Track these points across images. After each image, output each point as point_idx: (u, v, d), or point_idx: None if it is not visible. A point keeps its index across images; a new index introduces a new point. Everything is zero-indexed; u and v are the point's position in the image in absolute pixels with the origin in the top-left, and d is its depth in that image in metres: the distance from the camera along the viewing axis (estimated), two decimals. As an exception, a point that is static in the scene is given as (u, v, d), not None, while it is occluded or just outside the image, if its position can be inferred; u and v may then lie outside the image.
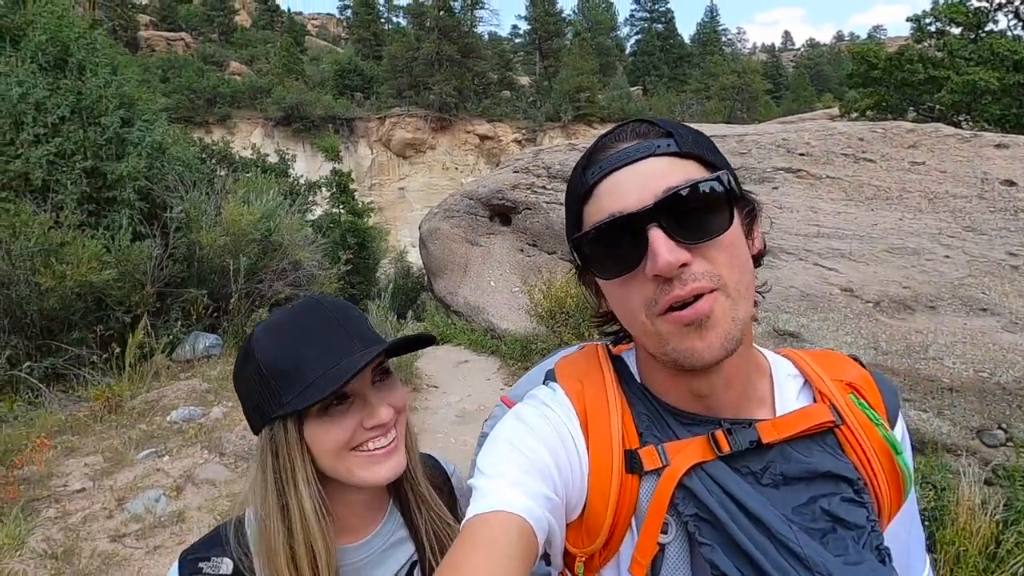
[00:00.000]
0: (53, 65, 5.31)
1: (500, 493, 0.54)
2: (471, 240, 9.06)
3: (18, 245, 4.23)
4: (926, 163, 6.11)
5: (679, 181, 0.54)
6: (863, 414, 0.63)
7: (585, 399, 0.63)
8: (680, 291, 0.53)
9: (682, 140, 0.57)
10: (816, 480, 0.57)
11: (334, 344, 0.70)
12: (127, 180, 5.11)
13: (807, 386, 0.66)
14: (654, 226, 0.53)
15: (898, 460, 0.62)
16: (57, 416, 3.88)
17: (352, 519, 0.78)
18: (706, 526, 0.55)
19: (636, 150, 0.56)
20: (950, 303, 4.93)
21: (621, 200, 0.55)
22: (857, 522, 0.56)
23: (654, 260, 0.52)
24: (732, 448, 0.57)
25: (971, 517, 3.43)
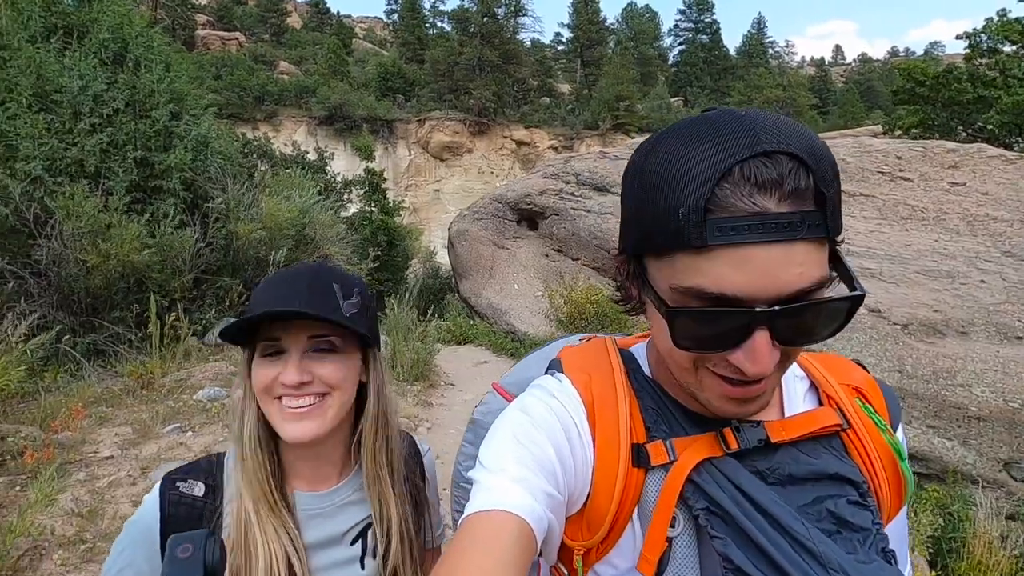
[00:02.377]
0: (112, 60, 5.66)
1: (501, 490, 0.53)
2: (498, 243, 9.17)
3: (70, 225, 4.53)
4: (967, 184, 5.92)
5: (814, 280, 0.47)
6: (868, 419, 0.63)
7: (593, 391, 0.62)
8: (751, 389, 0.51)
9: (831, 215, 0.47)
10: (822, 481, 0.57)
11: (281, 295, 0.78)
12: (173, 171, 5.40)
13: (813, 388, 0.66)
14: (764, 328, 0.47)
15: (901, 465, 0.62)
16: (94, 388, 4.12)
17: (305, 469, 0.86)
18: (717, 520, 0.54)
19: (786, 225, 0.45)
20: (983, 329, 4.77)
21: (743, 282, 0.46)
22: (863, 525, 0.55)
23: (750, 362, 0.48)
24: (741, 445, 0.56)
25: (988, 551, 3.33)
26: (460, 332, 8.25)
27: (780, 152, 0.45)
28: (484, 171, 38.54)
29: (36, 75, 5.08)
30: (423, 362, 5.67)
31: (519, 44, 43.42)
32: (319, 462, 0.87)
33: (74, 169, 5.02)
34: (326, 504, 0.87)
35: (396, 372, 5.46)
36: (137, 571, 0.78)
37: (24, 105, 4.95)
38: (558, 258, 8.34)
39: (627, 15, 59.61)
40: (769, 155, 0.45)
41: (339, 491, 0.88)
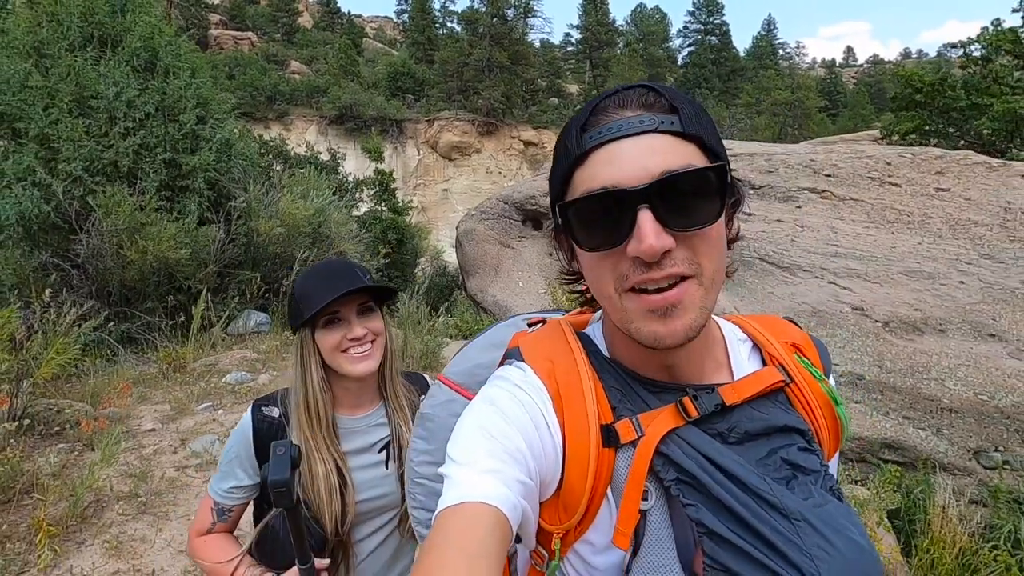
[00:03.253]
0: (143, 67, 6.05)
1: (473, 482, 0.54)
2: (503, 242, 9.50)
3: (109, 223, 4.92)
4: (951, 190, 6.19)
5: (678, 165, 0.54)
6: (807, 371, 0.68)
7: (557, 378, 0.64)
8: (655, 274, 0.54)
9: (687, 120, 0.56)
10: (774, 434, 0.61)
11: (331, 284, 1.11)
12: (199, 171, 5.78)
13: (756, 349, 0.70)
14: (645, 207, 0.53)
15: (837, 410, 0.68)
16: (131, 371, 4.50)
17: (350, 399, 1.23)
18: (688, 488, 0.56)
19: (640, 122, 0.55)
20: (959, 327, 5.05)
21: (617, 173, 0.54)
22: (812, 467, 0.59)
23: (639, 241, 0.53)
24: (700, 413, 0.59)
25: (946, 528, 3.63)
26: (467, 327, 8.60)
27: (636, 86, 0.58)
28: (492, 171, 38.85)
29: (75, 82, 5.47)
30: (432, 353, 6.01)
31: (528, 45, 43.68)
32: (361, 395, 1.23)
33: (110, 170, 5.42)
34: (362, 424, 1.23)
35: (406, 362, 5.81)
36: (239, 458, 1.17)
37: (64, 110, 5.34)
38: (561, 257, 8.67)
39: (636, 16, 59.70)
40: (629, 88, 0.58)
41: (371, 416, 1.24)
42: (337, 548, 1.15)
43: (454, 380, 0.80)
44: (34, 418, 3.17)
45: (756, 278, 6.27)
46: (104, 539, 2.47)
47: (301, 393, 1.14)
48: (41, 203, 5.04)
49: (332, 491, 1.11)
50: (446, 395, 0.79)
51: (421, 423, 0.81)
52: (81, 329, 3.80)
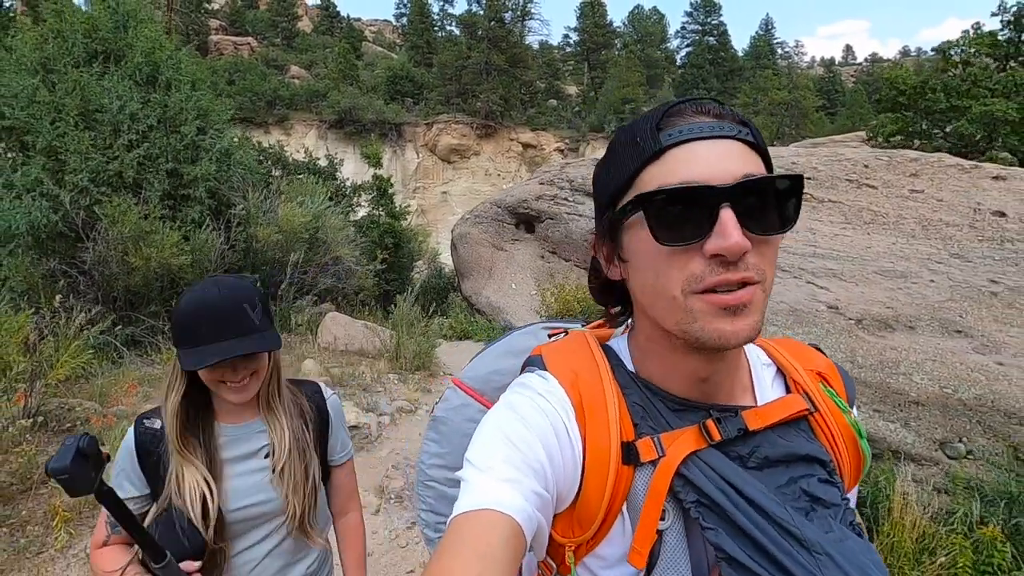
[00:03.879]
0: (145, 81, 6.30)
1: (491, 490, 0.54)
2: (497, 245, 9.74)
3: (115, 231, 5.16)
4: (924, 191, 6.41)
5: (757, 171, 0.55)
6: (831, 401, 0.67)
7: (581, 390, 0.63)
8: (732, 275, 0.54)
9: (756, 134, 0.58)
10: (794, 462, 0.60)
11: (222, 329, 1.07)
12: (200, 181, 6.02)
13: (780, 374, 0.70)
14: (727, 206, 0.53)
15: (861, 443, 0.67)
16: (136, 372, 4.74)
17: (231, 412, 1.23)
18: (707, 511, 0.56)
19: (720, 127, 0.56)
20: (928, 324, 5.27)
21: (699, 171, 0.54)
22: (832, 501, 0.58)
23: (724, 238, 0.52)
24: (723, 436, 0.59)
25: (906, 513, 3.84)
26: (461, 328, 8.83)
27: (705, 99, 0.60)
28: (491, 173, 39.08)
29: (81, 96, 5.72)
30: (424, 354, 6.24)
31: (526, 48, 43.91)
32: (242, 409, 1.24)
33: (115, 180, 5.66)
34: (245, 432, 1.23)
35: (399, 362, 6.05)
36: (125, 471, 1.17)
37: (71, 124, 5.59)
38: (552, 259, 8.90)
39: (634, 18, 59.93)
40: (700, 99, 0.59)
41: (254, 424, 1.24)
42: (215, 552, 1.18)
43: (469, 385, 0.80)
44: (47, 415, 3.41)
45: (738, 278, 6.50)
46: (114, 523, 2.70)
47: (166, 410, 1.16)
48: (49, 213, 5.29)
49: (195, 501, 1.13)
50: (460, 399, 0.79)
51: (434, 426, 0.81)
52: (90, 332, 4.03)
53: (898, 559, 3.76)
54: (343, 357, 5.92)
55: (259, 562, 1.22)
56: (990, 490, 4.14)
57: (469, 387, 0.81)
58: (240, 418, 1.24)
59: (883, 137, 11.77)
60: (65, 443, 0.93)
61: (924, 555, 3.77)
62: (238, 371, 1.13)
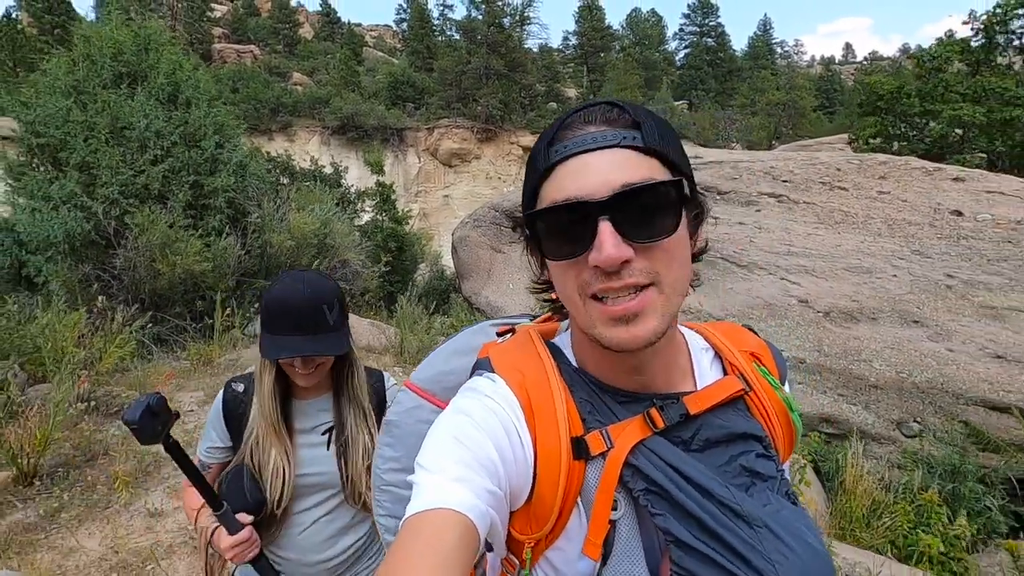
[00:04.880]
0: (167, 100, 6.82)
1: (441, 490, 0.54)
2: (495, 247, 10.20)
3: (144, 239, 5.67)
4: (891, 192, 6.87)
5: (638, 178, 0.56)
6: (764, 379, 0.70)
7: (528, 390, 0.64)
8: (614, 283, 0.56)
9: (648, 135, 0.58)
10: (734, 441, 0.63)
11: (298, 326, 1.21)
12: (219, 191, 6.54)
13: (717, 357, 0.72)
14: (605, 219, 0.55)
15: (792, 416, 0.70)
16: (166, 366, 5.24)
17: (302, 391, 1.38)
18: (655, 498, 0.58)
19: (603, 137, 0.57)
20: (889, 315, 5.74)
21: (579, 186, 0.56)
22: (769, 473, 0.62)
23: (599, 251, 0.55)
24: (666, 423, 0.61)
25: (859, 483, 4.32)
26: (461, 326, 9.32)
27: (601, 102, 0.61)
28: (492, 177, 39.52)
29: (110, 116, 6.24)
30: (427, 349, 6.73)
31: (525, 52, 44.38)
32: (312, 389, 1.38)
33: (142, 192, 6.18)
34: (310, 408, 1.39)
35: (403, 357, 6.54)
36: (213, 424, 1.38)
37: (102, 141, 6.11)
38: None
39: (632, 21, 60.41)
40: (594, 105, 0.61)
41: (318, 402, 1.40)
42: (272, 515, 1.30)
43: (420, 386, 0.81)
44: (97, 401, 3.91)
45: (718, 276, 6.96)
46: (164, 486, 3.20)
47: (257, 392, 1.31)
48: (83, 222, 5.81)
49: (278, 470, 1.28)
50: (412, 401, 0.80)
51: (387, 430, 0.82)
52: (132, 328, 4.54)
53: (851, 523, 4.25)
54: (352, 352, 6.42)
55: (308, 526, 1.35)
56: (937, 463, 4.60)
57: (420, 388, 0.81)
58: (308, 394, 1.38)
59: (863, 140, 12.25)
60: (138, 399, 1.06)
61: (873, 519, 4.24)
62: (306, 364, 1.27)
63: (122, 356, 4.18)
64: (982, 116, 10.08)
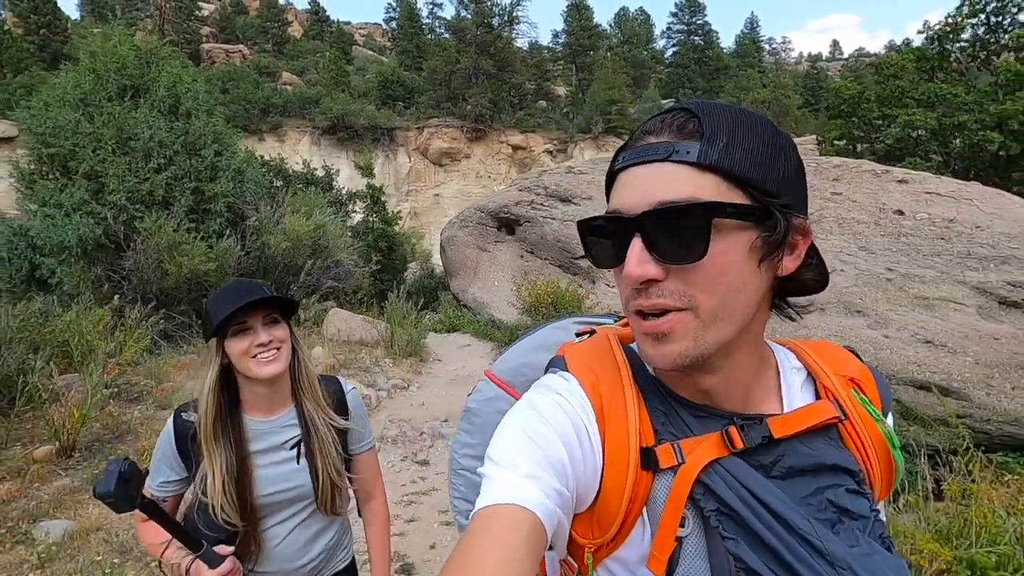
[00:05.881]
0: (168, 111, 7.26)
1: (513, 485, 0.54)
2: (481, 247, 10.73)
3: (152, 242, 6.13)
4: (843, 193, 7.45)
5: (678, 196, 0.53)
6: (864, 409, 0.64)
7: (601, 393, 0.63)
8: (643, 301, 0.55)
9: (707, 150, 0.54)
10: (821, 472, 0.58)
11: (239, 298, 1.22)
12: (219, 197, 7.00)
13: (810, 379, 0.67)
14: (637, 235, 0.54)
15: (893, 453, 0.65)
16: (174, 359, 5.72)
17: (261, 403, 1.33)
18: (728, 521, 0.56)
19: (654, 150, 0.55)
20: (835, 307, 6.32)
21: (623, 199, 0.56)
22: (862, 512, 0.57)
23: (626, 267, 0.55)
24: (746, 445, 0.58)
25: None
26: (450, 322, 9.83)
27: (680, 109, 0.58)
28: (482, 175, 39.93)
29: (116, 127, 6.69)
30: (415, 342, 7.24)
31: (514, 52, 44.78)
32: (272, 399, 1.33)
33: (147, 199, 6.63)
34: (272, 426, 1.33)
35: (393, 350, 7.05)
36: (166, 458, 1.31)
37: (109, 151, 6.56)
38: (530, 259, 9.91)
39: (620, 20, 60.94)
40: (671, 112, 0.58)
41: (282, 418, 1.35)
42: (248, 534, 1.28)
43: (501, 377, 0.81)
44: (119, 387, 4.40)
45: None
46: (185, 459, 3.71)
47: (201, 399, 1.26)
48: (94, 227, 6.26)
49: (226, 486, 1.22)
50: (492, 392, 0.81)
51: (467, 417, 0.83)
52: (148, 323, 5.02)
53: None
54: (345, 346, 6.91)
55: (283, 538, 1.34)
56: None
57: (500, 379, 0.81)
58: (270, 412, 1.34)
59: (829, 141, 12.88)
60: (108, 469, 1.01)
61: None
62: (262, 334, 1.24)
63: (139, 349, 4.66)
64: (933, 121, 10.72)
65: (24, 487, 3.11)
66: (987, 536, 2.79)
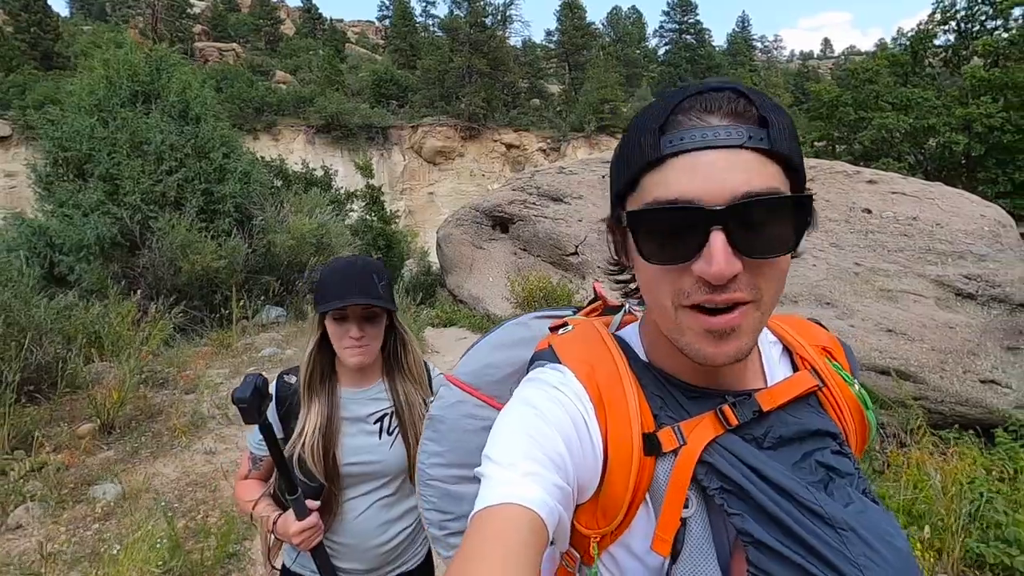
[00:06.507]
0: (178, 116, 7.63)
1: (512, 484, 0.54)
2: (476, 244, 11.14)
3: (166, 241, 6.51)
4: (816, 193, 7.81)
5: (761, 187, 0.51)
6: (838, 375, 0.68)
7: (599, 383, 0.63)
8: (717, 296, 0.53)
9: (776, 136, 0.52)
10: (807, 438, 0.61)
11: (345, 288, 1.28)
12: (227, 197, 7.38)
13: (786, 351, 0.70)
14: (718, 229, 0.51)
15: (867, 414, 0.69)
16: (191, 350, 6.12)
17: (349, 377, 1.42)
18: (732, 497, 0.56)
19: (727, 134, 0.51)
20: (807, 299, 6.79)
21: (694, 187, 0.52)
22: (847, 470, 0.59)
23: (707, 264, 0.51)
24: (739, 420, 0.59)
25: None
26: (447, 317, 10.25)
27: (725, 88, 0.54)
28: (476, 174, 40.21)
29: (130, 132, 7.05)
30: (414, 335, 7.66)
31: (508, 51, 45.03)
32: (363, 376, 1.44)
33: (160, 199, 7.01)
34: (360, 397, 1.42)
35: (394, 341, 7.46)
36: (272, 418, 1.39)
37: (124, 154, 6.93)
38: (523, 255, 10.34)
39: (612, 19, 61.34)
40: (716, 90, 0.54)
41: (369, 391, 1.43)
42: (330, 497, 1.33)
43: (463, 380, 0.80)
44: (146, 375, 4.80)
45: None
46: (212, 435, 4.11)
47: (302, 363, 1.35)
48: (111, 227, 6.63)
49: (315, 448, 1.30)
50: (456, 396, 0.79)
51: (432, 425, 0.81)
52: (171, 314, 5.42)
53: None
54: (349, 338, 7.32)
55: (362, 512, 1.38)
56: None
57: (463, 383, 0.79)
58: (359, 383, 1.42)
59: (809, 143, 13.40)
60: (245, 379, 1.09)
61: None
62: (355, 330, 1.31)
63: (162, 339, 5.06)
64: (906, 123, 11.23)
65: (75, 458, 3.51)
66: (914, 489, 3.27)
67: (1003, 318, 6.13)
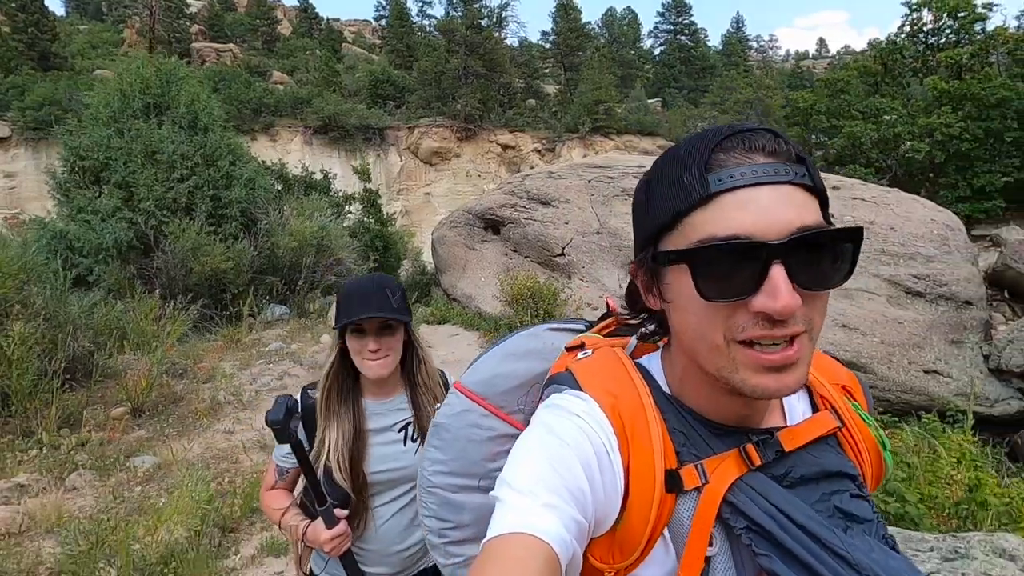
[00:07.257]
0: (187, 126, 8.15)
1: (530, 514, 0.53)
2: (469, 246, 11.68)
3: (178, 244, 7.04)
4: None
5: (812, 222, 0.53)
6: (857, 415, 0.68)
7: (622, 417, 0.62)
8: (777, 332, 0.53)
9: (815, 174, 0.55)
10: (825, 479, 0.60)
11: (365, 303, 1.36)
12: (234, 203, 7.90)
13: (805, 389, 0.70)
14: (778, 263, 0.51)
15: (884, 455, 0.68)
16: (203, 346, 6.65)
17: (372, 388, 1.48)
18: (758, 538, 0.56)
19: (775, 171, 0.53)
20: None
21: (750, 223, 0.52)
22: (865, 516, 0.59)
23: (772, 299, 0.51)
24: (763, 460, 0.59)
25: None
26: (441, 314, 10.78)
27: (761, 129, 0.56)
28: (472, 174, 40.57)
29: (144, 142, 7.57)
30: (410, 331, 8.20)
31: (503, 52, 45.42)
32: (382, 386, 1.49)
33: (172, 205, 7.53)
34: (384, 408, 1.48)
35: (391, 337, 8.00)
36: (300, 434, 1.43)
37: (138, 163, 7.44)
38: (515, 257, 10.89)
39: (607, 20, 61.80)
40: (752, 131, 0.55)
41: (392, 401, 1.50)
42: (358, 506, 1.39)
43: (472, 389, 0.79)
44: (167, 366, 5.33)
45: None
46: (229, 419, 4.65)
47: (321, 378, 1.41)
48: (127, 231, 7.15)
49: (340, 459, 1.35)
50: (463, 405, 0.78)
51: (436, 432, 0.80)
52: (188, 312, 5.95)
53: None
54: (348, 334, 7.86)
55: (387, 519, 1.44)
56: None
57: (472, 392, 0.78)
58: (383, 396, 1.47)
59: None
60: (277, 402, 1.20)
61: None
62: (372, 343, 1.37)
63: (180, 334, 5.59)
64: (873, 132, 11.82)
65: (115, 434, 4.05)
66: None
67: (949, 314, 6.71)
